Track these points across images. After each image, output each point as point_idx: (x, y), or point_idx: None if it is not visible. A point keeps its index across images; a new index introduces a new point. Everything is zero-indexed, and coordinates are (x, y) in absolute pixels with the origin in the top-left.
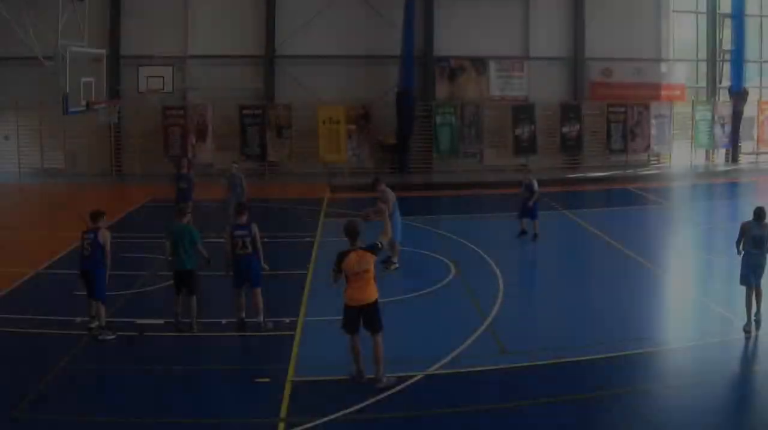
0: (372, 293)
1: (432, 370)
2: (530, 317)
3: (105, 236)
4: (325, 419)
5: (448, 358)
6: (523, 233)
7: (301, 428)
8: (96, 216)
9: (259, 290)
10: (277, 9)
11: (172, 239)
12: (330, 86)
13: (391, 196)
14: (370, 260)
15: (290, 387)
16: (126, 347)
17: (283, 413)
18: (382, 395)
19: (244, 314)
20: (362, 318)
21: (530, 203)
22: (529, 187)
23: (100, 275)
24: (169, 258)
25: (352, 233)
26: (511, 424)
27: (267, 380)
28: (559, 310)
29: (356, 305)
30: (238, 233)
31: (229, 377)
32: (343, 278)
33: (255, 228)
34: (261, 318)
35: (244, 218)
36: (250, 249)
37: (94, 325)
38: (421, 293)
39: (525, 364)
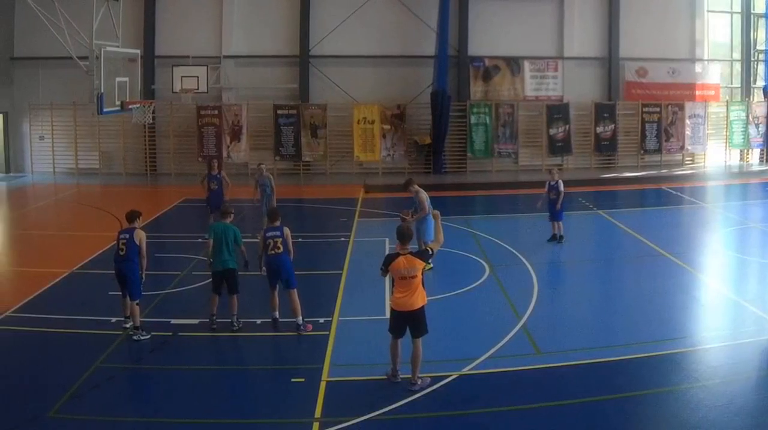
0: (419, 300)
1: (466, 370)
2: (564, 316)
3: (140, 236)
4: (360, 419)
5: (483, 358)
6: (554, 237)
7: (335, 428)
8: (132, 216)
9: (294, 291)
10: (312, 9)
11: (215, 238)
12: (364, 86)
13: (425, 196)
14: (419, 266)
15: (325, 387)
16: (161, 347)
17: (317, 413)
18: (416, 396)
19: (277, 314)
20: (408, 324)
21: (558, 205)
22: (555, 188)
23: (135, 275)
24: (210, 259)
25: (404, 236)
26: (545, 424)
27: (302, 380)
28: (594, 310)
29: (402, 311)
30: (270, 234)
31: (264, 377)
32: (389, 277)
33: (286, 230)
34: (299, 319)
35: (275, 220)
36: (282, 249)
37: (128, 325)
38: (455, 293)
39: (559, 364)
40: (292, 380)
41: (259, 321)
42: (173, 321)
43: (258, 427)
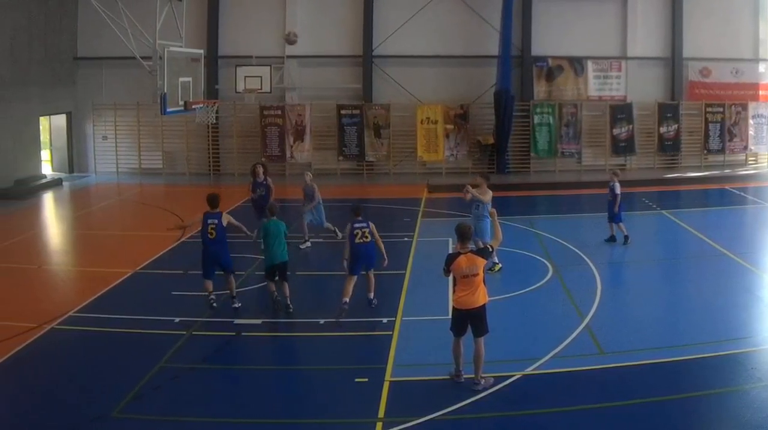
0: (481, 298)
1: (530, 370)
2: (628, 316)
3: (227, 219)
4: (423, 419)
5: (546, 358)
6: (612, 238)
7: (398, 428)
8: (215, 201)
9: (372, 271)
10: (375, 9)
11: (269, 235)
12: (428, 86)
13: (491, 196)
14: (480, 264)
15: (388, 387)
16: (224, 347)
17: (381, 414)
18: (479, 396)
19: (348, 299)
20: (470, 322)
21: (615, 208)
22: (611, 189)
23: (227, 253)
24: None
25: (463, 235)
26: (609, 424)
27: (365, 380)
28: (657, 310)
29: (464, 309)
30: (357, 226)
31: (327, 377)
32: (451, 277)
33: (371, 224)
34: (372, 295)
35: (359, 214)
36: (369, 238)
37: (238, 305)
38: (519, 293)
39: (622, 364)
40: (356, 380)
41: (322, 321)
42: (236, 321)
43: (321, 427)
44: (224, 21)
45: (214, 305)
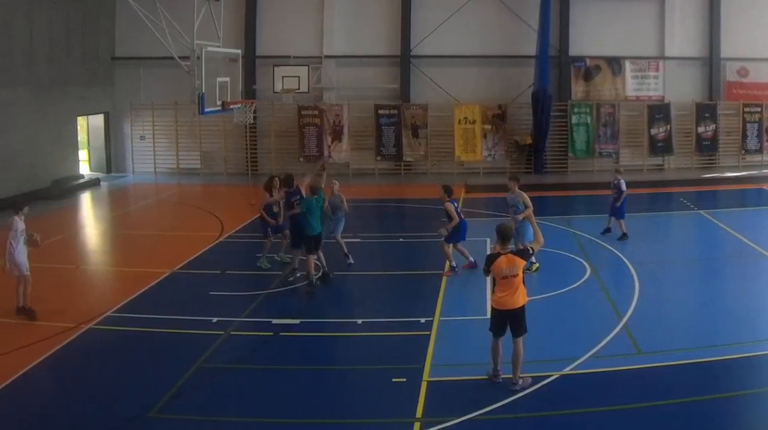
0: (520, 299)
1: (568, 370)
2: (666, 316)
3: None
4: (461, 419)
5: (584, 358)
6: (608, 230)
7: (436, 428)
8: (291, 179)
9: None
10: (413, 9)
11: (308, 210)
12: (465, 86)
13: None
14: (520, 265)
15: (426, 387)
16: (262, 347)
17: (418, 413)
18: (517, 395)
19: (455, 263)
20: (510, 323)
21: (618, 203)
22: (618, 187)
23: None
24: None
25: (504, 235)
26: (647, 424)
27: (403, 380)
28: (695, 310)
29: (504, 310)
30: (456, 204)
31: (365, 377)
32: (490, 277)
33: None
34: (453, 263)
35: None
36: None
37: (298, 275)
38: (557, 293)
39: (660, 364)
40: (393, 380)
41: (360, 321)
42: (274, 321)
43: (359, 427)
44: (262, 21)
45: (290, 278)
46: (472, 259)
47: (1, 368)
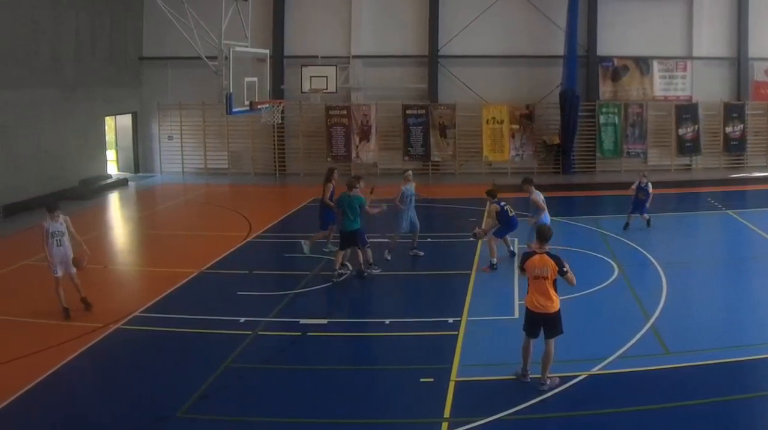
0: (552, 304)
1: (596, 370)
2: (694, 316)
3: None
4: (489, 418)
5: (612, 358)
6: (627, 225)
7: (464, 428)
8: (351, 183)
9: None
10: (440, 9)
11: (341, 207)
12: (493, 86)
13: (538, 197)
14: (550, 267)
15: (454, 387)
16: (290, 347)
17: (446, 413)
18: (545, 395)
19: (495, 260)
20: (543, 325)
21: (647, 204)
22: (645, 190)
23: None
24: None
25: (543, 236)
26: (675, 424)
27: (430, 380)
28: (723, 309)
29: (535, 312)
30: (503, 203)
31: (392, 377)
32: (526, 276)
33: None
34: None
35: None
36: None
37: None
38: (585, 293)
39: (688, 364)
40: (421, 380)
41: (387, 321)
42: (302, 321)
43: (387, 427)
44: (290, 21)
45: (334, 280)
46: (512, 248)
47: (31, 366)
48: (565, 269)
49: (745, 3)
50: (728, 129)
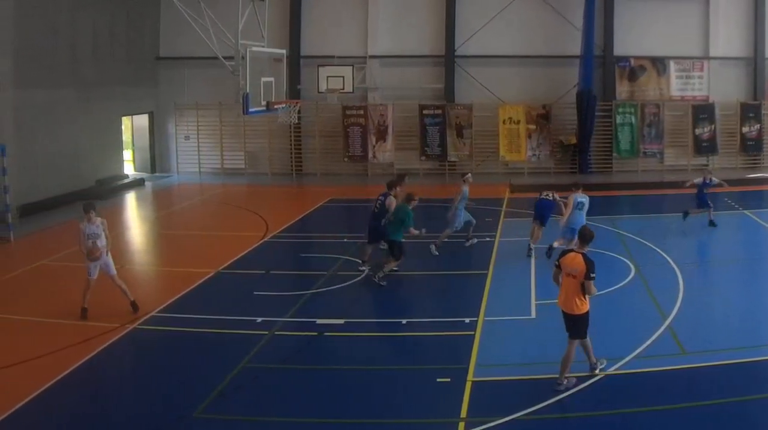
0: (575, 306)
1: (612, 370)
2: (710, 316)
3: (389, 202)
4: (506, 418)
5: (629, 358)
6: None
7: (481, 428)
8: (390, 184)
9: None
10: (457, 9)
11: (396, 216)
12: (510, 86)
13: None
14: (579, 268)
15: (470, 387)
16: (306, 347)
17: (463, 413)
18: (562, 395)
19: (533, 246)
20: (567, 324)
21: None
22: (711, 185)
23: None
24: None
25: (586, 237)
26: (691, 424)
27: (447, 380)
28: (740, 309)
29: (563, 310)
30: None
31: (409, 377)
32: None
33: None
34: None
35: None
36: (551, 197)
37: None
38: (601, 293)
39: (705, 364)
40: (438, 380)
41: (404, 321)
42: (319, 321)
43: (403, 427)
44: (306, 21)
45: (360, 268)
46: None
47: (49, 366)
48: (592, 275)
49: (761, 3)
50: (745, 129)
